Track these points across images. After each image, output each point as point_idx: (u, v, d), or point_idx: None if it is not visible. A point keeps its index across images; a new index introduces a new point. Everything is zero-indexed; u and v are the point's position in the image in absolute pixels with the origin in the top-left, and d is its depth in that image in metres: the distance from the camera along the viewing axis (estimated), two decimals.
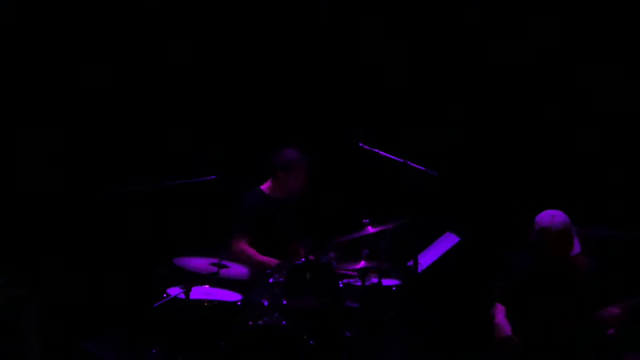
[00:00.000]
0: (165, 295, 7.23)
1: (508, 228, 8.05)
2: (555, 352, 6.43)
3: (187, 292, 7.11)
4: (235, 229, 7.74)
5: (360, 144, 7.60)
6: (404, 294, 7.70)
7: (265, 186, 7.89)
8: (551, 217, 6.49)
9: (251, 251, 7.65)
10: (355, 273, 7.48)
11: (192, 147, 8.62)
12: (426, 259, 7.73)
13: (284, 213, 7.85)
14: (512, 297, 6.66)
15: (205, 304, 7.31)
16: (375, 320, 7.51)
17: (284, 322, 7.05)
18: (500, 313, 6.66)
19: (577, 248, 6.52)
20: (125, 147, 8.62)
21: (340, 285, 7.34)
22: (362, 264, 7.39)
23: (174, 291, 7.20)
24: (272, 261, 7.51)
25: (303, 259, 7.23)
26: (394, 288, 7.67)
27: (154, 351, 7.37)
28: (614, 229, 7.55)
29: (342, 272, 7.42)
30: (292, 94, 8.88)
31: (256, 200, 7.81)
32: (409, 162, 7.53)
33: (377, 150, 7.59)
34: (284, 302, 7.14)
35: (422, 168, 7.53)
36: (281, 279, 7.16)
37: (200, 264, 7.26)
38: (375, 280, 7.43)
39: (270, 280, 7.19)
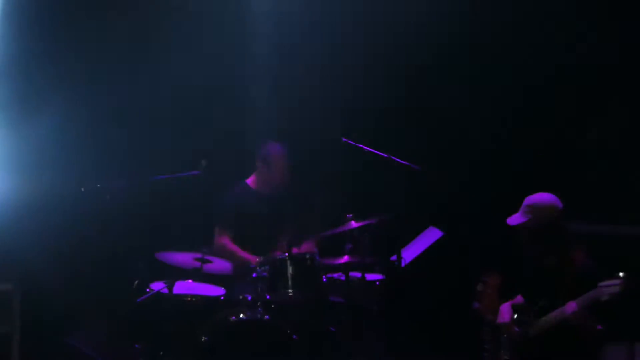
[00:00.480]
0: (148, 290, 7.24)
1: (492, 223, 8.03)
2: (541, 346, 6.46)
3: (170, 287, 7.11)
4: (217, 224, 7.75)
5: (344, 139, 7.60)
6: (388, 288, 7.71)
7: (250, 180, 7.91)
8: (534, 195, 6.49)
9: (233, 247, 7.65)
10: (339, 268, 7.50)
11: (176, 142, 8.60)
12: (409, 253, 7.74)
13: (269, 207, 7.85)
14: (520, 289, 6.69)
15: (189, 299, 7.30)
16: (359, 315, 7.51)
17: (267, 317, 7.04)
18: (511, 301, 6.67)
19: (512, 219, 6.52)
20: (108, 142, 8.58)
21: (324, 280, 7.35)
22: (345, 258, 7.40)
23: (157, 286, 7.20)
24: (253, 259, 7.50)
25: (286, 253, 7.23)
26: (377, 283, 7.68)
27: (137, 346, 7.36)
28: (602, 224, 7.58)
29: (326, 266, 7.43)
30: (277, 88, 8.86)
31: (239, 193, 7.84)
32: (392, 157, 7.53)
33: (360, 145, 7.60)
34: (267, 296, 7.14)
35: (406, 163, 7.53)
36: (264, 274, 7.16)
37: (183, 258, 7.26)
38: (359, 275, 7.44)
39: (254, 275, 7.18)
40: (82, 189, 7.50)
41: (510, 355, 6.58)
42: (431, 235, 7.81)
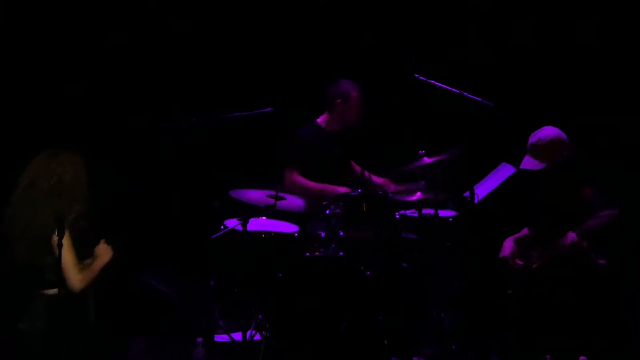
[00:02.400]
0: (222, 227, 7.29)
1: None
2: (543, 279, 6.50)
3: (244, 224, 7.15)
4: (288, 161, 7.74)
5: (416, 75, 7.54)
6: (461, 225, 7.69)
7: (321, 119, 7.88)
8: (540, 134, 6.52)
9: (304, 181, 7.65)
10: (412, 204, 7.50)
11: (248, 80, 8.61)
12: (482, 189, 7.71)
13: (340, 145, 7.85)
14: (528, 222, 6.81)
15: (263, 236, 7.36)
16: (432, 252, 7.52)
17: (340, 254, 7.07)
18: (514, 236, 6.79)
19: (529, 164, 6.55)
20: (181, 80, 8.62)
21: (397, 216, 7.35)
22: (418, 195, 7.39)
23: (232, 223, 7.25)
24: (328, 187, 7.51)
25: (359, 190, 7.23)
26: (450, 219, 7.67)
27: (211, 283, 7.44)
28: None
29: (399, 203, 7.43)
30: (347, 25, 8.82)
31: (311, 132, 7.82)
32: (465, 93, 7.47)
33: (432, 81, 7.54)
34: (341, 233, 7.16)
35: (479, 99, 7.47)
36: (338, 211, 7.17)
37: (257, 196, 7.28)
38: (431, 211, 7.43)
39: (327, 212, 7.19)
40: (156, 129, 7.54)
41: (514, 288, 6.63)
42: (504, 172, 7.77)
